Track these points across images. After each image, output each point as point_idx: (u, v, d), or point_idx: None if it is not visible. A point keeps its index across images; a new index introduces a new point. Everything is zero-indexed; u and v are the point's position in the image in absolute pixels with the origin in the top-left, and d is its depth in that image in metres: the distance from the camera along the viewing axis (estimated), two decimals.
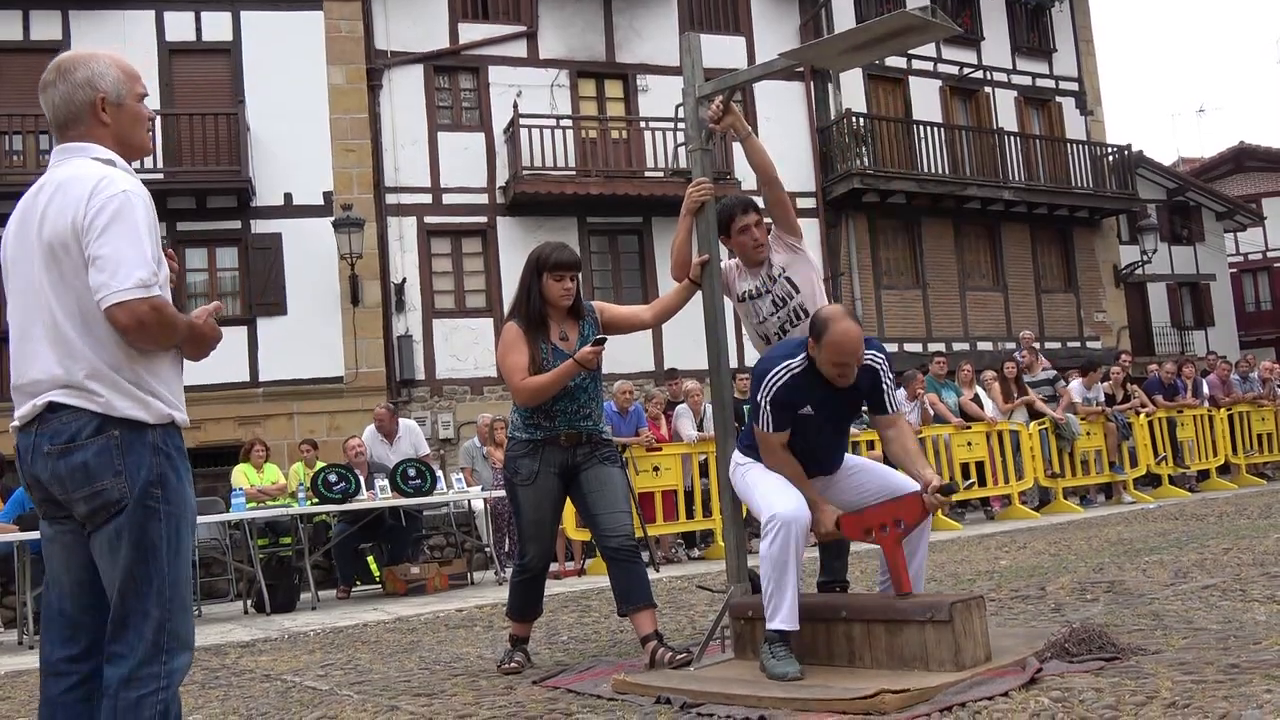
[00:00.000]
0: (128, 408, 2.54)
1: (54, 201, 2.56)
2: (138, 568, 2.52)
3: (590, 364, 4.63)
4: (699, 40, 4.76)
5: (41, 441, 2.55)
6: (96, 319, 2.52)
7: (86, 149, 2.65)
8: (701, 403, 11.29)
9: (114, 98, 2.68)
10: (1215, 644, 3.84)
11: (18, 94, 15.62)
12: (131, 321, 2.48)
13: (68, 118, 2.67)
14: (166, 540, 2.56)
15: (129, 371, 2.55)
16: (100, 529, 2.54)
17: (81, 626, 2.63)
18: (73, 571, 2.63)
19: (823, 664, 3.96)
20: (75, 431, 2.52)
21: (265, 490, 10.65)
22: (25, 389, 2.59)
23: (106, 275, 2.47)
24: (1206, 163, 34.96)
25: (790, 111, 19.69)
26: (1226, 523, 9.06)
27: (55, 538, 2.65)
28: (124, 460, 2.52)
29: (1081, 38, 23.63)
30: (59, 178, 2.60)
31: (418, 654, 5.73)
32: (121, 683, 2.50)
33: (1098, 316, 22.72)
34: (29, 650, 7.72)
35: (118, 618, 2.53)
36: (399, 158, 17.25)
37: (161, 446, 2.58)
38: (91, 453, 2.51)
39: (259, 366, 15.67)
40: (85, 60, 2.70)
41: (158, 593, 2.54)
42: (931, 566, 7.70)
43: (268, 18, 16.63)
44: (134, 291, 2.47)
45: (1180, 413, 14.44)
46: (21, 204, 2.67)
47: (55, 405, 2.53)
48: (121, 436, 2.53)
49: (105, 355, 2.53)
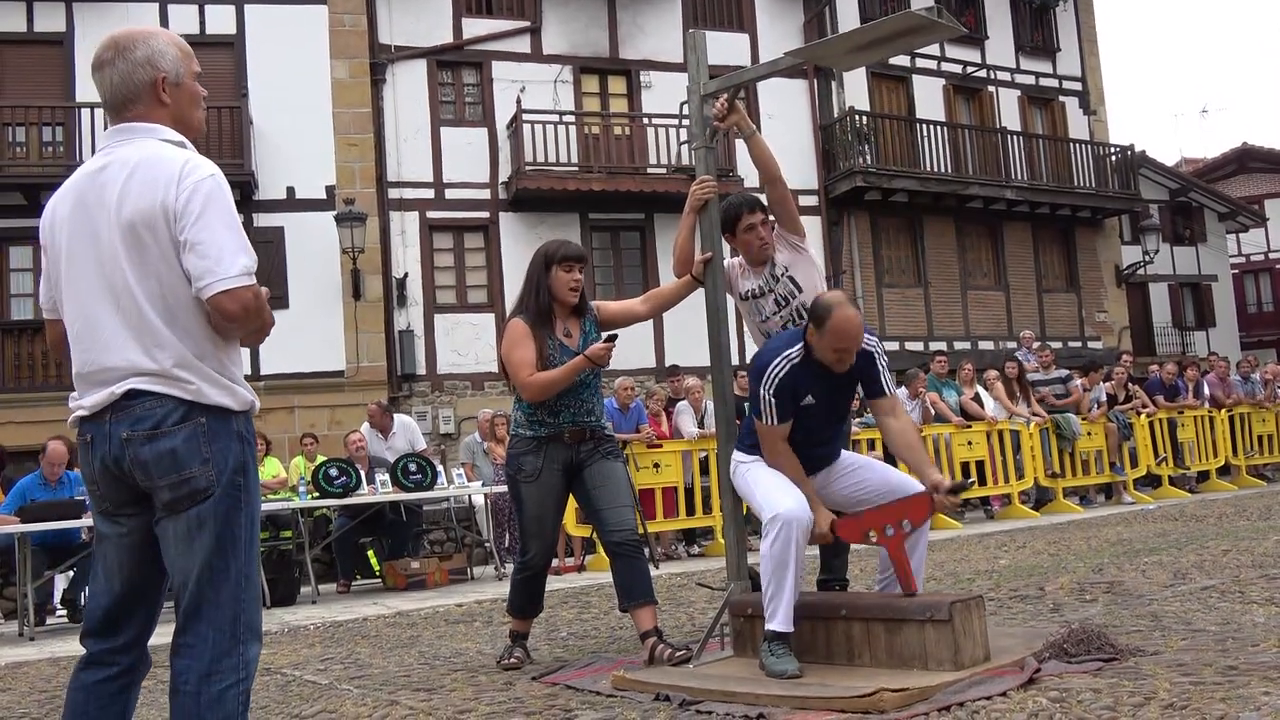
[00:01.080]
0: (216, 395, 2.49)
1: (134, 181, 2.46)
2: (217, 557, 2.47)
3: (603, 360, 4.63)
4: (704, 38, 4.75)
5: (119, 429, 2.46)
6: (183, 305, 2.46)
7: (154, 130, 2.57)
8: (702, 400, 11.30)
9: (174, 77, 2.61)
10: (1214, 645, 3.85)
11: (21, 85, 15.65)
12: (238, 309, 2.44)
13: (126, 97, 2.58)
14: (245, 529, 2.52)
15: (214, 360, 2.51)
16: (178, 516, 2.46)
17: (129, 622, 2.59)
18: (126, 571, 2.56)
19: (822, 662, 3.96)
20: (161, 418, 2.44)
21: (266, 484, 10.66)
22: (96, 376, 2.50)
23: (211, 262, 2.41)
24: (1209, 163, 34.93)
25: (793, 108, 19.68)
26: (1226, 524, 9.07)
27: (112, 538, 2.57)
28: (211, 448, 2.47)
29: (1085, 37, 23.60)
30: (129, 157, 2.50)
31: (417, 649, 5.74)
32: (201, 678, 2.44)
33: (1099, 316, 22.71)
34: (30, 642, 7.74)
35: (191, 608, 2.47)
36: (402, 152, 17.25)
37: (244, 434, 2.55)
38: (180, 439, 2.44)
39: (260, 360, 15.67)
40: (144, 38, 2.62)
41: (234, 583, 2.48)
42: (931, 565, 7.70)
43: (271, 11, 16.62)
44: (241, 279, 2.43)
45: (1181, 413, 14.44)
46: (75, 184, 2.57)
47: (135, 392, 2.45)
48: (209, 423, 2.47)
49: (191, 344, 2.47)
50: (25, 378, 15.10)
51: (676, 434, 11.15)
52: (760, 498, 4.14)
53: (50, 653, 6.79)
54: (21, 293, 15.64)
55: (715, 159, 4.78)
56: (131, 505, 2.53)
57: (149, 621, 2.64)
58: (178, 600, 2.51)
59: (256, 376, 15.56)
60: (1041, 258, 22.20)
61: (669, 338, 17.45)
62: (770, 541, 3.95)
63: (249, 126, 15.90)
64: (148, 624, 2.64)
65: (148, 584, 2.59)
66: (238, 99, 16.00)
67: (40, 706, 4.87)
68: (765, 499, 4.10)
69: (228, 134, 15.79)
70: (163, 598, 2.67)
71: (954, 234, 21.06)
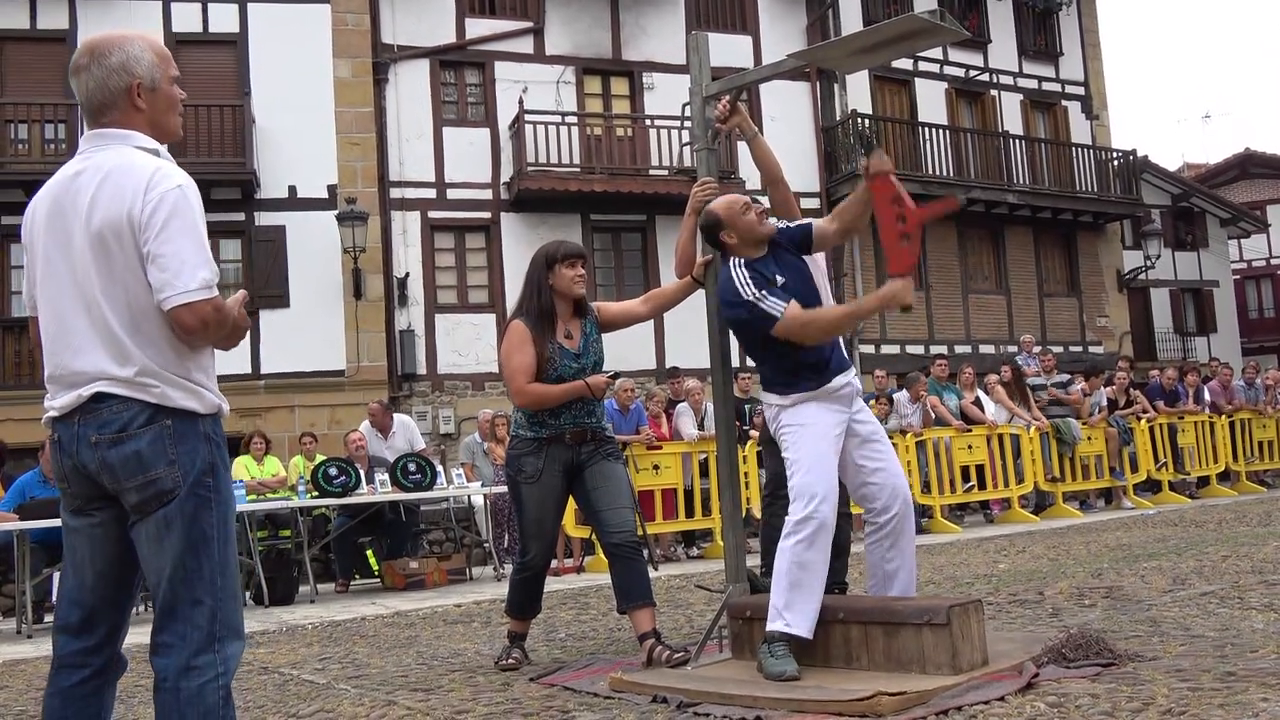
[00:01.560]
0: (182, 399, 2.53)
1: (104, 189, 2.50)
2: (189, 556, 2.50)
3: (599, 394, 4.73)
4: (707, 40, 4.75)
5: (87, 431, 2.51)
6: (146, 315, 2.50)
7: (128, 136, 2.60)
8: (703, 401, 11.29)
9: (149, 83, 2.64)
10: (1212, 651, 3.84)
11: (24, 83, 15.65)
12: (196, 322, 2.47)
13: (102, 103, 2.61)
14: (217, 528, 2.55)
15: (179, 366, 2.54)
16: (147, 518, 2.51)
17: (99, 619, 2.62)
18: (97, 564, 2.60)
19: (820, 665, 3.95)
20: (127, 421, 2.49)
21: (265, 483, 10.66)
22: (66, 379, 2.55)
23: (170, 275, 2.45)
24: (1212, 169, 34.93)
25: (795, 111, 19.68)
26: (1226, 530, 9.07)
27: (83, 530, 2.61)
28: (177, 449, 2.51)
29: (1088, 42, 23.60)
30: (103, 164, 2.54)
31: (415, 649, 5.74)
32: (180, 672, 2.48)
33: (1100, 321, 22.71)
34: (27, 639, 7.74)
35: (166, 607, 2.51)
36: (404, 152, 17.26)
37: (212, 435, 2.58)
38: (145, 442, 2.48)
39: (260, 359, 15.67)
40: (119, 43, 2.64)
41: (209, 581, 2.52)
42: (930, 569, 7.71)
43: (275, 10, 16.63)
44: (199, 293, 2.46)
45: (1181, 419, 14.43)
46: (52, 188, 2.60)
47: (102, 395, 2.50)
48: (174, 426, 2.51)
49: (154, 353, 2.51)
50: (26, 375, 15.11)
51: (676, 436, 11.14)
52: (805, 477, 3.97)
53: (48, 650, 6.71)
54: (22, 290, 15.64)
55: (717, 161, 4.78)
56: (102, 499, 2.57)
57: (120, 620, 2.67)
58: (154, 601, 2.54)
59: (256, 375, 15.58)
60: (1043, 262, 22.20)
61: (669, 339, 17.45)
62: (800, 541, 3.88)
63: (251, 125, 15.90)
64: (119, 623, 2.67)
65: (119, 578, 2.62)
66: (240, 98, 16.00)
67: (38, 704, 4.84)
68: (809, 480, 3.95)
69: (230, 133, 15.81)
70: (135, 596, 2.72)
71: (955, 237, 21.04)
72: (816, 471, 3.97)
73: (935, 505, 12.05)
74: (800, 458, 4.02)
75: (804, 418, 4.07)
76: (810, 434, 4.04)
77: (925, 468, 12.05)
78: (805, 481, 3.96)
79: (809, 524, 3.89)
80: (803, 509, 3.92)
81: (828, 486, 3.95)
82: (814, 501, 3.90)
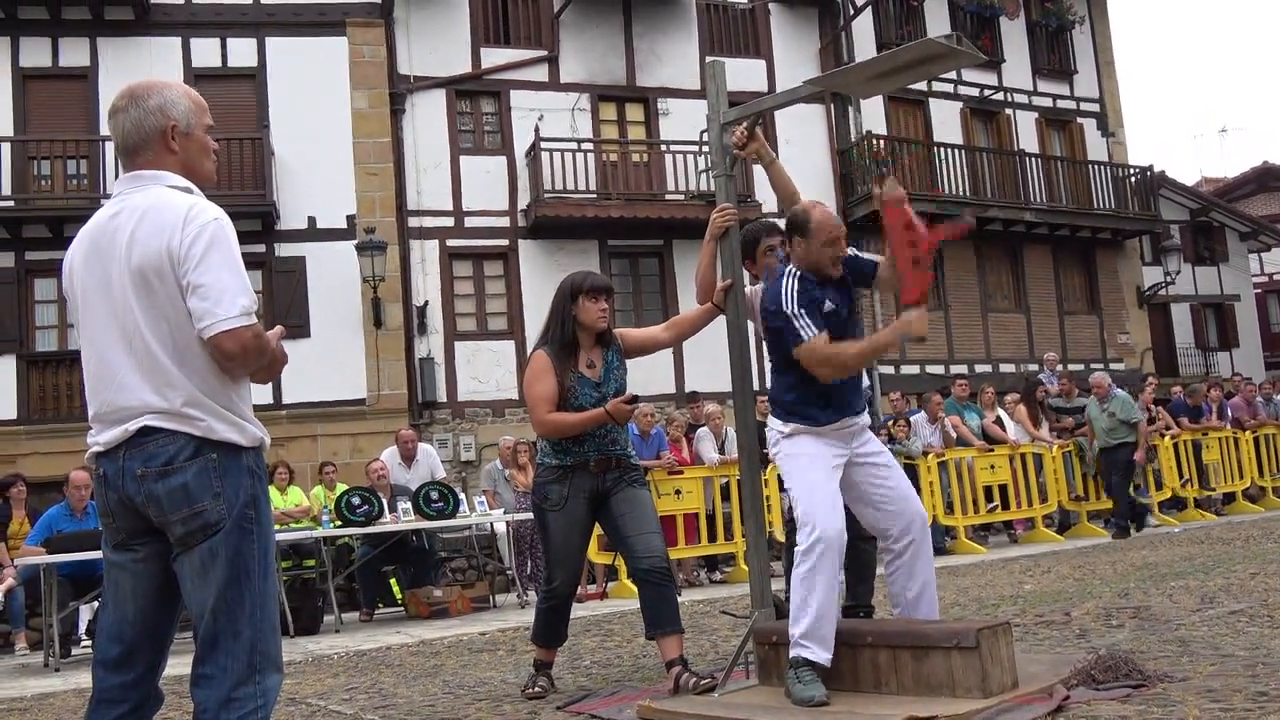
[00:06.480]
0: (225, 431, 2.58)
1: (142, 227, 2.56)
2: (231, 589, 2.54)
3: (622, 420, 4.72)
4: (723, 67, 4.78)
5: (133, 465, 2.55)
6: (190, 346, 2.56)
7: (161, 177, 2.67)
8: (723, 426, 11.29)
9: (184, 126, 2.71)
10: (1243, 671, 3.82)
11: (47, 120, 15.84)
12: (237, 349, 2.54)
13: (137, 143, 2.69)
14: (258, 561, 2.59)
15: (223, 397, 2.60)
16: (191, 550, 2.54)
17: (138, 654, 2.65)
18: (138, 599, 2.64)
19: (849, 690, 3.93)
20: (173, 454, 2.54)
21: (289, 513, 10.70)
22: (111, 416, 2.59)
23: (210, 303, 2.51)
24: (1230, 183, 34.76)
25: (810, 133, 19.71)
26: (1253, 546, 8.99)
27: (126, 565, 2.65)
28: (222, 482, 2.55)
29: (1102, 59, 23.60)
30: (139, 204, 2.61)
31: (441, 678, 5.74)
32: (220, 704, 2.51)
33: (1121, 338, 22.60)
34: (55, 673, 7.77)
35: (208, 638, 2.54)
36: (421, 181, 17.38)
37: (254, 468, 2.63)
38: (191, 475, 2.53)
39: (282, 389, 15.74)
40: (158, 88, 2.73)
41: (250, 613, 2.55)
42: (955, 590, 7.67)
43: (292, 44, 16.80)
44: (240, 319, 2.53)
45: (1205, 435, 14.34)
46: (90, 231, 2.67)
47: (148, 429, 2.54)
48: (219, 459, 2.56)
49: (200, 383, 2.56)
50: (50, 409, 15.22)
51: (697, 460, 11.14)
52: (804, 506, 4.02)
53: (75, 684, 6.81)
54: (47, 324, 15.78)
55: (735, 186, 4.80)
56: (146, 534, 2.61)
57: (159, 656, 2.70)
58: (196, 632, 2.57)
59: (278, 405, 15.64)
60: (1062, 280, 22.12)
61: (689, 364, 17.47)
62: (810, 569, 3.89)
63: (270, 157, 16.05)
64: (158, 658, 2.70)
65: (159, 613, 2.66)
66: (259, 130, 16.16)
67: None
68: (808, 509, 3.99)
69: (249, 165, 15.96)
70: (173, 633, 2.75)
71: (973, 257, 20.99)
72: (815, 498, 4.03)
73: (959, 526, 11.99)
74: (798, 487, 4.11)
75: (800, 448, 4.17)
76: (806, 464, 4.13)
77: (948, 488, 12.00)
78: (805, 510, 4.03)
79: (813, 552, 3.92)
80: (806, 538, 3.96)
81: (829, 511, 3.99)
82: (816, 529, 3.94)
